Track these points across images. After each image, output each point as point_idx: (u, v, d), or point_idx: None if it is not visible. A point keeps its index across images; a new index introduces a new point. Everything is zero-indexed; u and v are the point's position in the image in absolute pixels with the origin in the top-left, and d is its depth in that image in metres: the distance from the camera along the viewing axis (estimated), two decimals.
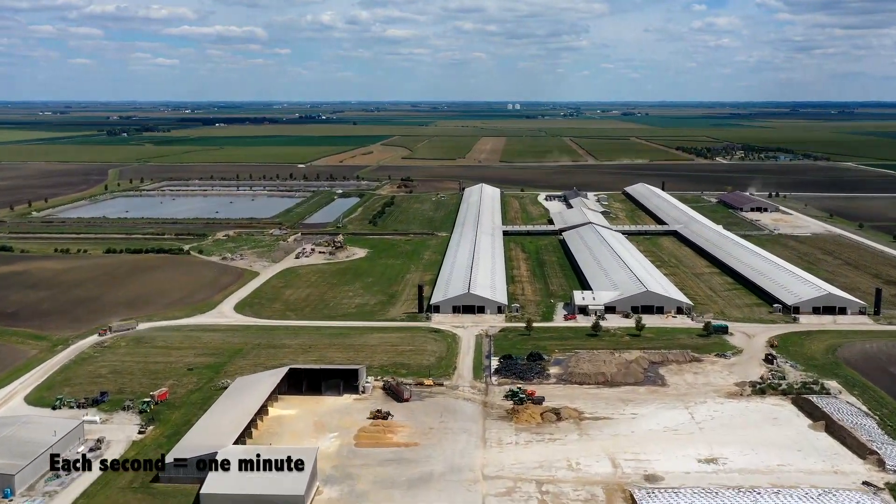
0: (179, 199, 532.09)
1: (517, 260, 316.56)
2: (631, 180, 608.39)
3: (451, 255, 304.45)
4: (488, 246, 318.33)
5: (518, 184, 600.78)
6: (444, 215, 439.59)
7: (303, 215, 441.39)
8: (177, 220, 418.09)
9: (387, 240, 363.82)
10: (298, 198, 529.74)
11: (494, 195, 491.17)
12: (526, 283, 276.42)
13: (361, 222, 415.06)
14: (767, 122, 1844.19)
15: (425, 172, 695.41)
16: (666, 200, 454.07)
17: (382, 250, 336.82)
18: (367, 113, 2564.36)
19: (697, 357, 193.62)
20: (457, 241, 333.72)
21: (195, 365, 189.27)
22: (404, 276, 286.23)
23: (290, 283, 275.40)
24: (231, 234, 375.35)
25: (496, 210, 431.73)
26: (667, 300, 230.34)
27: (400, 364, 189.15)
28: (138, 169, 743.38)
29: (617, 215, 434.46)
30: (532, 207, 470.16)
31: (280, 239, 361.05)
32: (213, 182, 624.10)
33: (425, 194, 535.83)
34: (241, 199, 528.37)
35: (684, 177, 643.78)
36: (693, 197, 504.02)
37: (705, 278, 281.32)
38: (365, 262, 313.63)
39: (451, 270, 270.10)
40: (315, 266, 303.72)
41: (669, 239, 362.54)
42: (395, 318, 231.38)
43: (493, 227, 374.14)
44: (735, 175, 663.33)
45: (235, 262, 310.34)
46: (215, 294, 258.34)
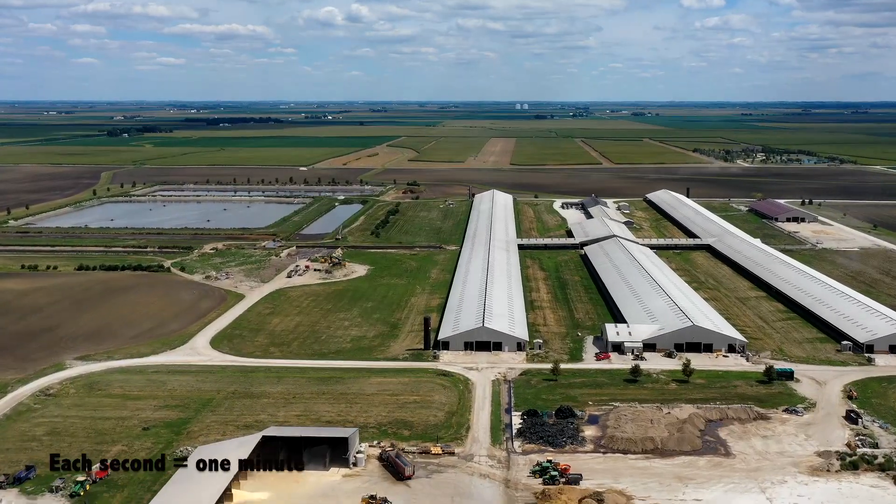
0: (170, 206, 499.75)
1: (535, 280, 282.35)
2: (650, 185, 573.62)
3: (461, 274, 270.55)
4: (503, 263, 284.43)
5: (530, 189, 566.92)
6: (453, 225, 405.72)
7: (300, 225, 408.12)
8: (162, 231, 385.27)
9: (390, 254, 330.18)
10: (297, 204, 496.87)
11: (507, 202, 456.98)
12: (547, 309, 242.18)
13: (363, 233, 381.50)
14: (781, 122, 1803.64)
15: (432, 176, 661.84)
16: (693, 209, 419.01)
17: (385, 267, 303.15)
18: (375, 113, 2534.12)
19: (763, 413, 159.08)
20: (467, 257, 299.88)
21: (153, 422, 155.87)
22: (408, 300, 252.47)
23: (278, 308, 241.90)
24: (219, 248, 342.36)
25: (509, 219, 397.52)
26: (717, 336, 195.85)
27: (401, 422, 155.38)
28: (133, 172, 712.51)
29: (641, 226, 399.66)
30: (548, 216, 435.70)
31: (272, 253, 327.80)
32: (208, 187, 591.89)
33: (432, 201, 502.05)
34: (235, 206, 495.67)
35: (706, 181, 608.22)
36: (721, 205, 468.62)
37: (752, 304, 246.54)
38: (365, 282, 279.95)
39: (461, 295, 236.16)
40: (308, 287, 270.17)
41: (703, 254, 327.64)
42: (397, 356, 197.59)
43: (506, 239, 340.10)
44: (759, 180, 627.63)
45: (220, 281, 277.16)
46: (191, 323, 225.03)
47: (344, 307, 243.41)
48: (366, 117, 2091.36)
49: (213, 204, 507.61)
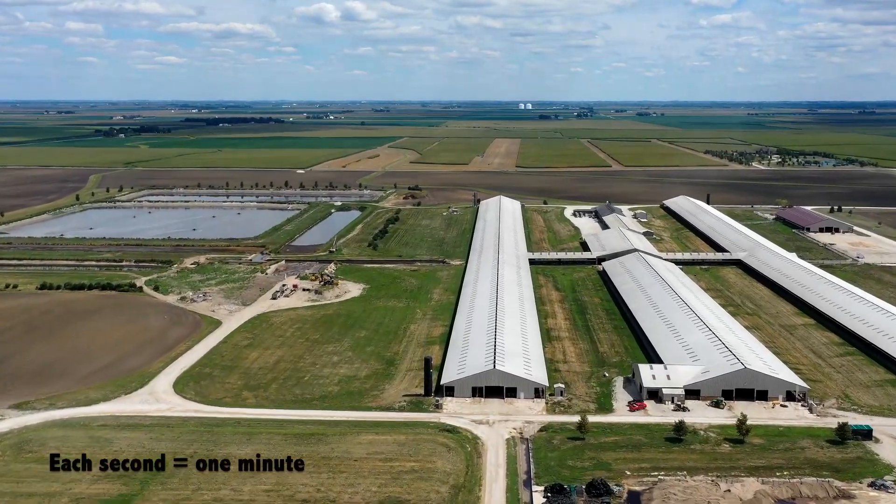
0: (156, 213, 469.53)
1: (550, 302, 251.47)
2: (666, 190, 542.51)
3: (467, 296, 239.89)
4: (514, 282, 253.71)
5: (538, 193, 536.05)
6: (457, 235, 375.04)
7: (292, 235, 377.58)
8: (141, 242, 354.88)
9: (388, 270, 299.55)
10: (291, 210, 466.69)
11: (515, 210, 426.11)
12: (566, 340, 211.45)
13: (359, 245, 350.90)
14: (789, 122, 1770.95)
15: (435, 179, 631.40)
16: (716, 218, 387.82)
17: (382, 286, 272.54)
18: (377, 113, 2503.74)
19: (845, 490, 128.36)
20: (474, 274, 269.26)
21: (86, 501, 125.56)
22: (407, 328, 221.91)
23: (257, 339, 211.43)
24: (201, 262, 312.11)
25: (518, 229, 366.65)
26: (773, 382, 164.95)
27: (395, 501, 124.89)
28: (123, 174, 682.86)
29: (661, 236, 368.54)
30: (559, 225, 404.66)
31: (258, 269, 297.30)
32: (198, 191, 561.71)
33: (435, 207, 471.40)
34: (225, 213, 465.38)
35: (723, 185, 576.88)
36: (744, 212, 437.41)
37: (800, 334, 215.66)
38: (359, 304, 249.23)
39: (468, 324, 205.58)
40: (295, 312, 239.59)
41: (734, 271, 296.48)
42: (393, 404, 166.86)
43: (516, 253, 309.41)
44: (779, 184, 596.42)
45: (196, 304, 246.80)
46: (156, 358, 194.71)
47: (333, 337, 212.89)
48: (368, 117, 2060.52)
49: (202, 210, 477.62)
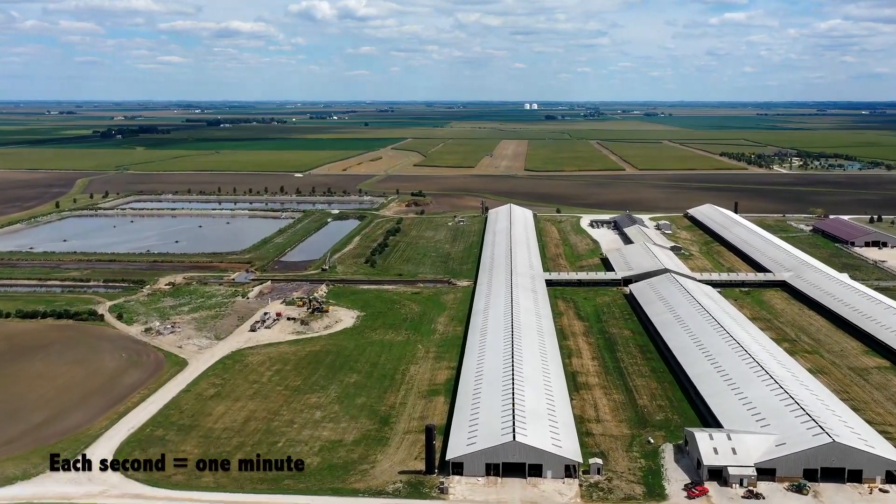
0: (139, 222, 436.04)
1: (573, 336, 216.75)
2: (686, 196, 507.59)
3: (476, 330, 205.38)
4: (530, 312, 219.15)
5: (550, 200, 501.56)
6: (464, 249, 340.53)
7: (282, 249, 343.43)
8: (116, 258, 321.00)
9: (387, 293, 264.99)
10: (285, 219, 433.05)
11: (526, 220, 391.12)
12: (596, 387, 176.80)
13: (356, 261, 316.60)
14: (799, 123, 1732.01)
15: (440, 184, 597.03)
16: (749, 230, 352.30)
17: (379, 314, 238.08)
18: (381, 113, 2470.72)
19: None
20: (484, 300, 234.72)
21: None
22: (406, 371, 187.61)
23: (227, 386, 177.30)
24: (178, 282, 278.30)
25: (532, 243, 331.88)
26: (869, 459, 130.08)
27: None
28: (112, 179, 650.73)
29: (689, 251, 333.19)
30: (575, 237, 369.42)
31: (240, 291, 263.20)
32: (188, 197, 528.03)
33: (440, 216, 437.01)
34: (213, 222, 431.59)
35: (747, 191, 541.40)
36: (776, 223, 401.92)
37: (876, 380, 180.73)
38: (351, 337, 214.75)
39: (479, 372, 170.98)
40: (276, 348, 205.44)
41: (779, 294, 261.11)
42: (386, 484, 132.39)
43: (531, 273, 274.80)
44: (806, 189, 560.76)
45: (162, 337, 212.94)
46: (101, 414, 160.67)
47: (318, 383, 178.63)
48: (371, 118, 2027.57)
49: (190, 219, 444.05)
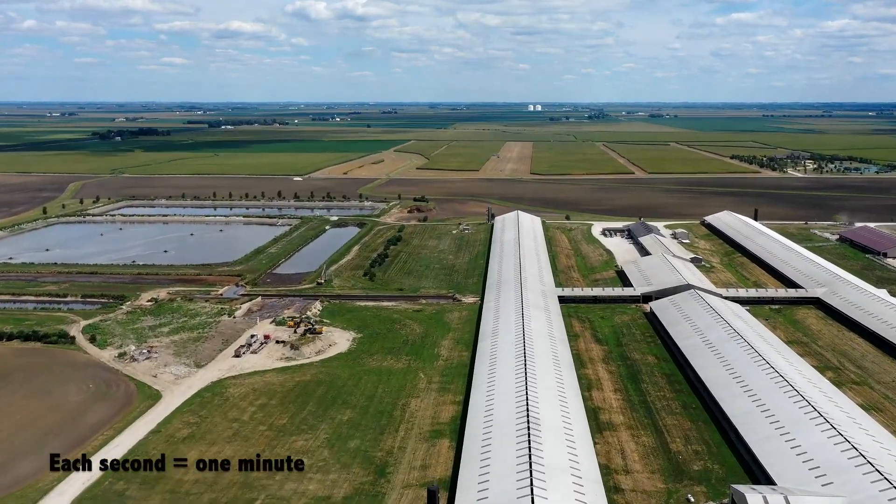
0: (129, 229, 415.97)
1: (592, 363, 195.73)
2: (701, 202, 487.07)
3: (485, 357, 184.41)
4: (543, 335, 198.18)
5: (558, 206, 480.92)
6: (470, 261, 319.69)
7: (276, 260, 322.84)
8: (97, 270, 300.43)
9: (386, 311, 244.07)
10: (281, 227, 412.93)
11: (535, 228, 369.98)
12: (622, 428, 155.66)
13: (354, 274, 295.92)
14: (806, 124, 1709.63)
15: (443, 188, 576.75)
16: (773, 239, 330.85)
17: (377, 335, 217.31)
18: (384, 114, 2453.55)
19: None
20: (492, 321, 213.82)
21: None
22: (407, 406, 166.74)
23: (203, 425, 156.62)
24: (161, 297, 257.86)
25: (542, 254, 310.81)
26: None
27: None
28: (106, 182, 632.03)
29: (710, 263, 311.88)
30: (587, 247, 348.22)
31: (227, 309, 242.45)
32: (182, 203, 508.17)
33: (443, 223, 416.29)
34: (206, 230, 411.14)
35: (763, 197, 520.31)
36: (799, 231, 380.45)
37: None
38: (345, 364, 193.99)
39: (489, 412, 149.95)
40: (262, 377, 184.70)
41: (813, 313, 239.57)
42: None
43: (542, 288, 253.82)
44: (824, 194, 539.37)
45: (137, 364, 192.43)
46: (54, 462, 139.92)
47: (307, 422, 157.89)
48: (374, 119, 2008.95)
49: (182, 226, 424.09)
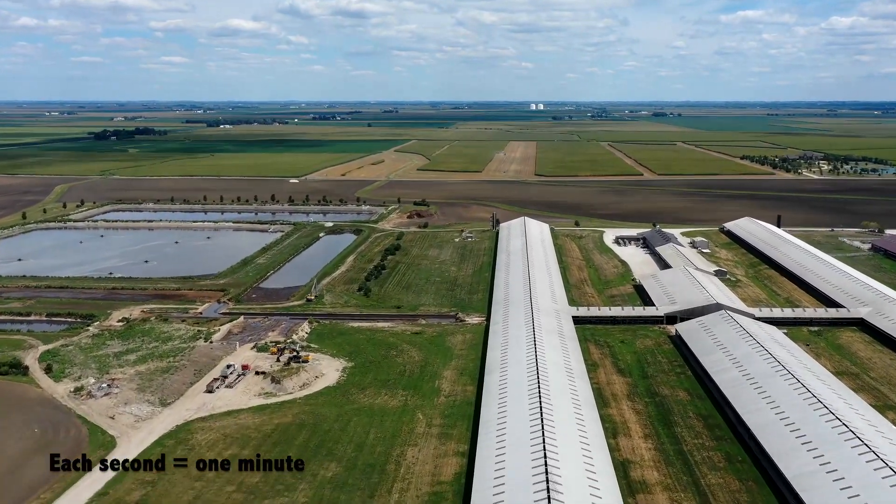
0: (110, 236, 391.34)
1: (615, 399, 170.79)
2: (716, 207, 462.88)
3: (492, 398, 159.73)
4: (560, 367, 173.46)
5: (565, 210, 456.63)
6: (474, 272, 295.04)
7: (263, 272, 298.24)
8: (68, 283, 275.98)
9: (381, 333, 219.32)
10: (273, 233, 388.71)
11: (543, 236, 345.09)
12: (658, 491, 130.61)
13: (347, 288, 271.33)
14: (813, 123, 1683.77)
15: (445, 191, 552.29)
16: (801, 249, 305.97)
17: (370, 364, 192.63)
18: (385, 113, 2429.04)
19: None
20: (500, 350, 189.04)
21: None
22: (402, 458, 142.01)
23: (161, 485, 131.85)
24: (134, 316, 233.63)
25: (552, 266, 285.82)
26: None
27: None
28: (94, 185, 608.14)
29: (735, 276, 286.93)
30: (600, 257, 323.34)
31: (204, 332, 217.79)
32: (170, 206, 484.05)
33: (445, 230, 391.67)
34: (192, 237, 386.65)
35: (780, 200, 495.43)
36: (826, 239, 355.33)
37: None
38: (332, 402, 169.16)
39: (499, 475, 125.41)
40: (236, 419, 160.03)
41: (857, 336, 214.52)
42: None
43: (555, 307, 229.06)
44: (844, 197, 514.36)
45: (95, 400, 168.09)
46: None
47: (284, 479, 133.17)
48: (375, 118, 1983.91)
49: (167, 232, 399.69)
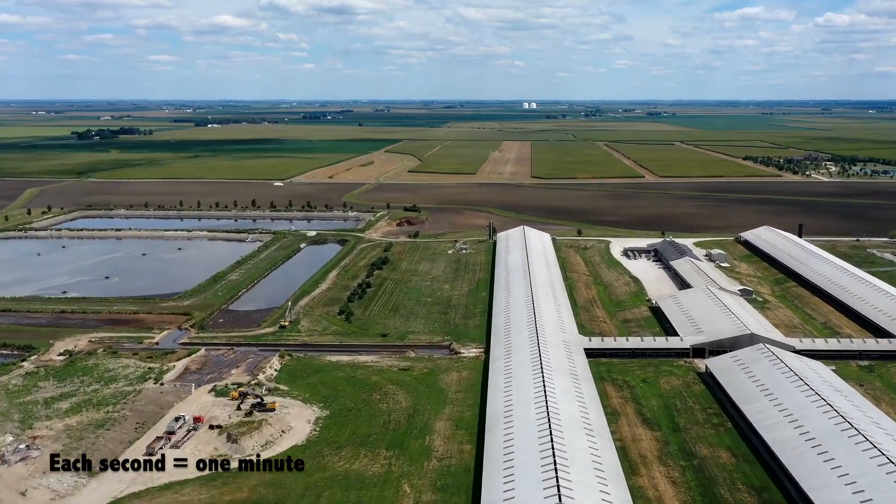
0: (73, 247, 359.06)
1: (643, 462, 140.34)
2: (727, 212, 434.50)
3: (495, 463, 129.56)
4: (576, 421, 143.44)
5: (566, 216, 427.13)
6: (470, 291, 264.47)
7: (236, 290, 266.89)
8: (12, 306, 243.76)
9: (364, 369, 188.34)
10: (251, 243, 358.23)
11: (545, 248, 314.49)
12: None
13: (328, 310, 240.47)
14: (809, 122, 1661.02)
15: (437, 195, 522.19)
16: (831, 264, 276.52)
17: (348, 413, 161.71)
18: (377, 112, 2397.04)
19: None
20: (502, 396, 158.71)
21: None
22: None
23: None
24: (78, 348, 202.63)
25: (557, 286, 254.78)
26: None
27: None
28: (68, 188, 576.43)
29: (760, 294, 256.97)
30: (608, 272, 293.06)
31: (155, 370, 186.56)
32: (143, 213, 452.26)
33: (437, 240, 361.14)
34: (162, 248, 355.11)
35: (794, 205, 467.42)
36: (853, 250, 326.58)
37: None
38: (300, 473, 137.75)
39: None
40: (178, 493, 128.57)
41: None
42: None
43: (563, 336, 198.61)
44: (859, 201, 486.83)
45: (7, 467, 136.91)
46: None
47: None
48: (366, 117, 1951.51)
49: (137, 242, 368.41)
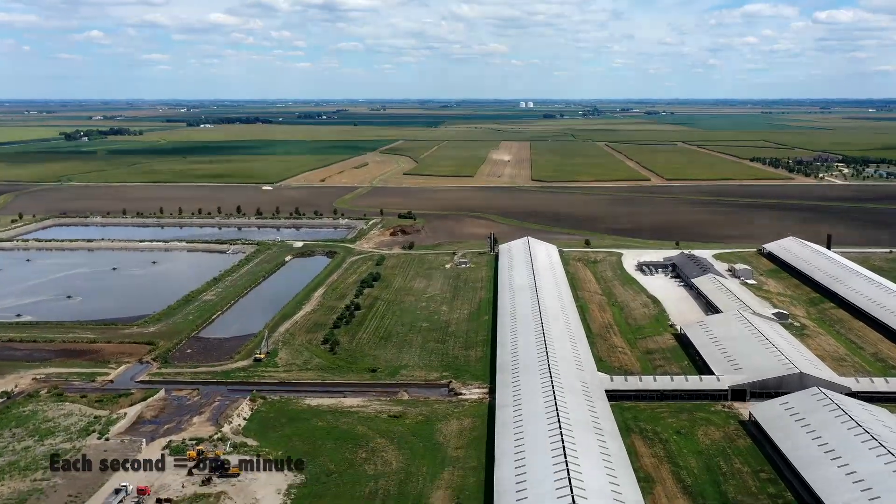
0: (38, 260, 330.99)
1: None
2: (743, 219, 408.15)
3: None
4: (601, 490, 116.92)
5: (571, 223, 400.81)
6: (470, 314, 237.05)
7: (209, 312, 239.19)
8: None
9: (348, 416, 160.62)
10: (233, 254, 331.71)
11: (553, 263, 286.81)
12: None
13: (310, 338, 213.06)
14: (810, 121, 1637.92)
15: (434, 200, 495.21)
16: (873, 282, 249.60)
17: (327, 478, 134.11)
18: (372, 112, 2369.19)
19: None
20: (512, 457, 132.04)
21: None
22: None
23: None
24: (18, 389, 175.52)
25: (569, 309, 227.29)
26: None
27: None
28: (46, 193, 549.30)
29: (796, 318, 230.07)
30: (623, 290, 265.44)
31: (104, 417, 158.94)
32: (120, 220, 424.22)
33: (434, 252, 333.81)
34: (135, 261, 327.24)
35: (813, 211, 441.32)
36: (887, 263, 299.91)
37: None
38: None
39: None
40: None
41: None
42: None
43: (580, 374, 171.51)
44: (879, 206, 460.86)
45: None
46: None
47: None
48: (361, 117, 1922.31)
49: (110, 254, 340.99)
